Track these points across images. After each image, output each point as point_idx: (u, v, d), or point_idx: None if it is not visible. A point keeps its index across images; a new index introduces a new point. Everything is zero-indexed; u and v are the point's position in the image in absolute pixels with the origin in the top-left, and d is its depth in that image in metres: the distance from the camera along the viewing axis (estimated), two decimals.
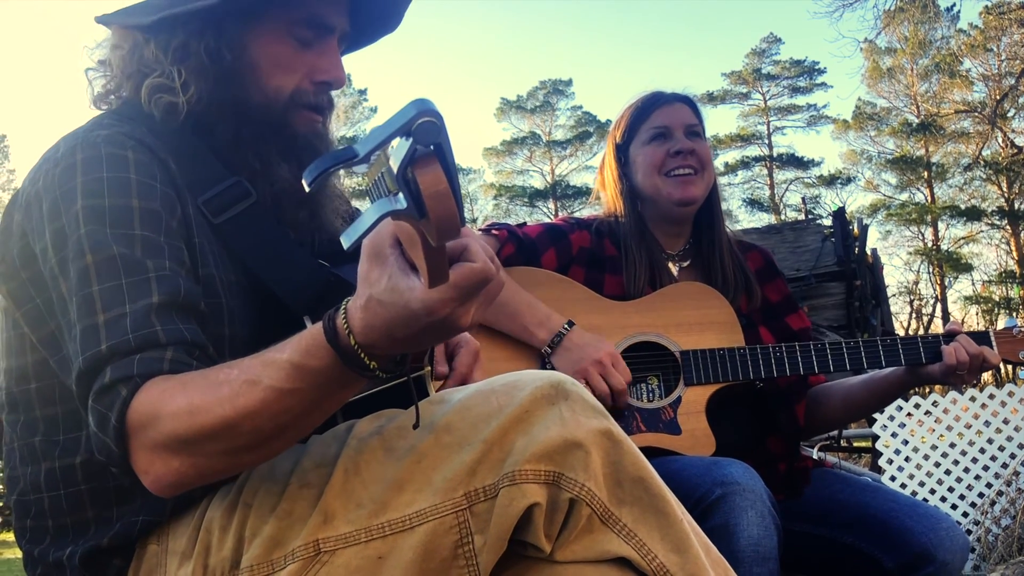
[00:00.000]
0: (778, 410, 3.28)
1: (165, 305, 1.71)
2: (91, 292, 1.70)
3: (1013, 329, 3.18)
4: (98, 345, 1.65)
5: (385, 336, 1.45)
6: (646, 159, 3.33)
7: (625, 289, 3.26)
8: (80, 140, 1.87)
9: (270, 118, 2.07)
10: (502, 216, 61.16)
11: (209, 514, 1.81)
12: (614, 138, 3.48)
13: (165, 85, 2.01)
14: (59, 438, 1.91)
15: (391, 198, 1.24)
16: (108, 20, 2.12)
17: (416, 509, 1.62)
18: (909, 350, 3.14)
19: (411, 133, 1.18)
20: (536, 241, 3.33)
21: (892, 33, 45.90)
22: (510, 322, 3.12)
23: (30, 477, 1.94)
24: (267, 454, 1.64)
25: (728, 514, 2.58)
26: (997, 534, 7.54)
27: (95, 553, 1.87)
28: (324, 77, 2.11)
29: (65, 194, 1.80)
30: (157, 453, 1.58)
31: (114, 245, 1.74)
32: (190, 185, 1.95)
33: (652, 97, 3.45)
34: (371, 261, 1.45)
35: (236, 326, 1.93)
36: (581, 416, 1.64)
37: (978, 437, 8.02)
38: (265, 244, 1.98)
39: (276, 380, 1.52)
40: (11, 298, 1.92)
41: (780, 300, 3.46)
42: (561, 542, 1.63)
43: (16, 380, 1.96)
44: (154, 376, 1.62)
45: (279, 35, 2.06)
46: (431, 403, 1.73)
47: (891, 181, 57.19)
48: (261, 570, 1.68)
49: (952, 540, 2.80)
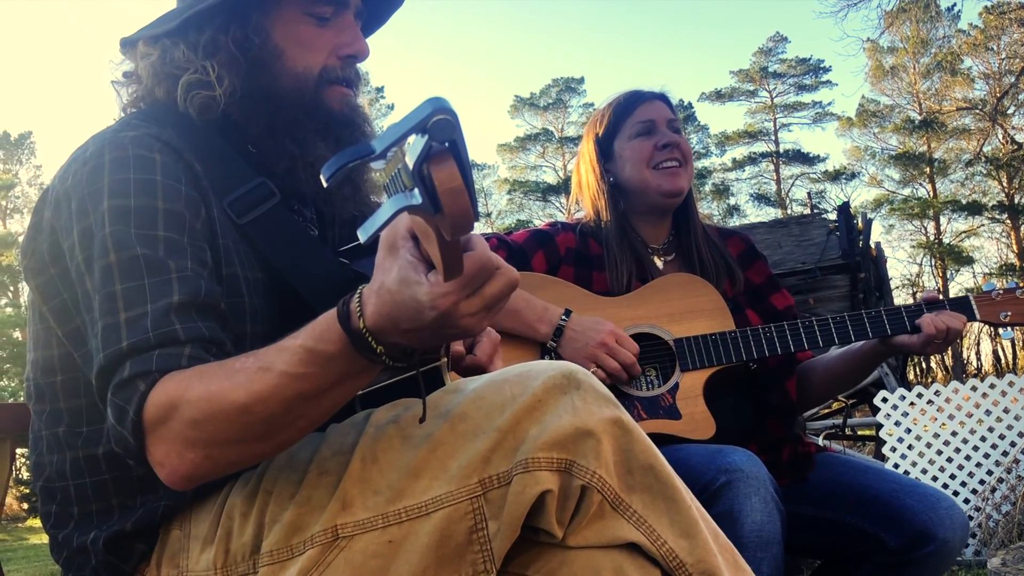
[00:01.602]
0: (771, 388, 3.29)
1: (185, 304, 1.71)
2: (114, 291, 1.71)
3: (992, 292, 3.21)
4: (119, 342, 1.65)
5: (392, 325, 1.45)
6: (634, 153, 3.33)
7: (610, 288, 3.27)
8: (109, 141, 1.88)
9: (302, 99, 2.08)
10: (515, 210, 61.31)
11: (231, 500, 1.81)
12: (594, 134, 3.46)
13: (200, 80, 2.01)
14: (83, 429, 1.91)
15: (407, 193, 1.24)
16: (133, 39, 2.12)
17: (432, 496, 1.62)
18: (893, 320, 3.16)
19: (427, 130, 1.18)
20: (524, 246, 3.34)
21: (894, 32, 45.84)
22: (511, 320, 3.13)
23: (56, 465, 1.94)
24: (278, 445, 1.64)
25: (732, 500, 2.59)
26: (998, 520, 7.55)
27: (119, 538, 1.87)
28: (349, 51, 2.12)
29: (93, 193, 1.80)
30: (173, 445, 1.58)
31: (138, 246, 1.74)
32: (215, 186, 1.95)
33: (634, 94, 3.46)
34: (385, 252, 1.45)
35: (258, 323, 1.94)
36: (592, 405, 1.64)
37: (979, 426, 8.02)
38: (288, 243, 1.99)
39: (288, 365, 1.52)
40: (40, 292, 1.93)
41: (763, 281, 3.47)
42: (573, 528, 1.63)
43: (43, 372, 1.96)
44: (172, 371, 1.62)
45: (299, 16, 2.08)
46: (446, 392, 1.73)
47: (894, 177, 57.08)
48: (281, 555, 1.69)
49: (952, 519, 2.82)
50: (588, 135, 3.51)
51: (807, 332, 3.16)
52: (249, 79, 2.04)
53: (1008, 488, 7.71)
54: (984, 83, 50.26)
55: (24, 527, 25.20)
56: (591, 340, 3.05)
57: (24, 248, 1.97)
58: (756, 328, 3.18)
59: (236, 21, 2.04)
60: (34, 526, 24.70)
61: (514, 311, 3.12)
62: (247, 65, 2.04)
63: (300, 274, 1.95)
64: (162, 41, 2.06)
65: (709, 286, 3.27)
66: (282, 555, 1.69)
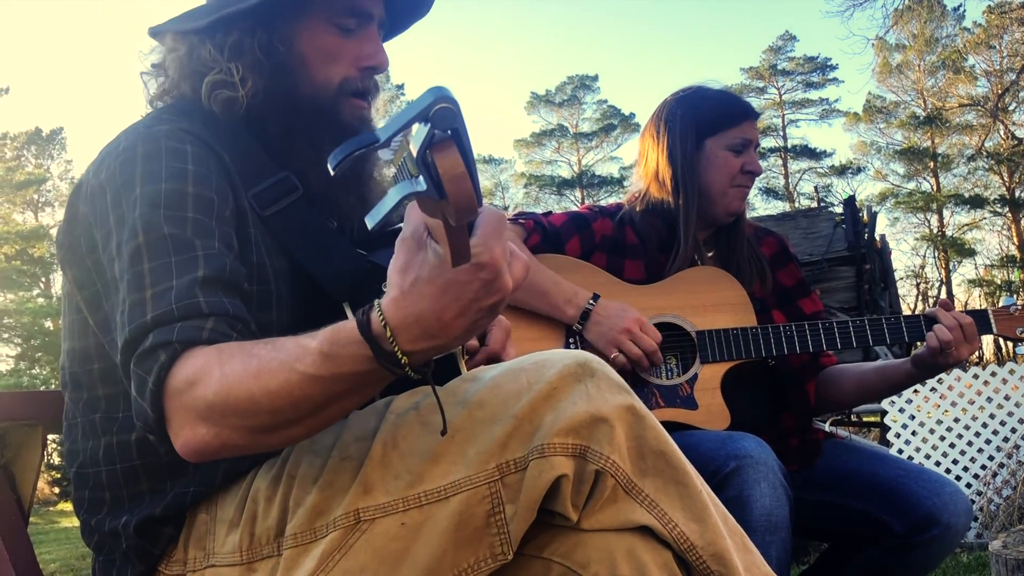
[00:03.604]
0: (790, 388, 3.28)
1: (210, 280, 1.70)
2: (142, 269, 1.70)
3: (1010, 307, 3.20)
4: (143, 316, 1.64)
5: (435, 319, 1.41)
6: (724, 164, 3.27)
7: (648, 273, 3.26)
8: (141, 134, 1.88)
9: (320, 108, 2.08)
10: (531, 203, 61.32)
11: (255, 485, 1.81)
12: (695, 119, 3.31)
13: (224, 81, 2.02)
14: (118, 415, 1.92)
15: (412, 180, 1.24)
16: (162, 30, 2.13)
17: (451, 480, 1.61)
18: (911, 325, 3.17)
19: (429, 119, 1.18)
20: (561, 230, 3.32)
21: (901, 30, 45.73)
22: (538, 301, 3.12)
23: (89, 451, 1.94)
24: (286, 438, 1.62)
25: (742, 486, 2.59)
26: (999, 504, 7.56)
27: (149, 522, 1.87)
28: (369, 63, 2.12)
29: (125, 183, 1.80)
30: (187, 417, 1.57)
31: (165, 226, 1.74)
32: (243, 179, 1.95)
33: (747, 107, 3.36)
34: (413, 248, 1.41)
35: (284, 311, 1.94)
36: (606, 392, 1.64)
37: (981, 412, 8.06)
38: (309, 235, 1.99)
39: (304, 366, 1.50)
40: (75, 283, 1.93)
41: (793, 284, 3.45)
42: (587, 511, 1.62)
43: (79, 361, 1.96)
44: (193, 343, 1.61)
45: (324, 26, 2.07)
46: (464, 381, 1.73)
47: (899, 171, 57.01)
48: (304, 537, 1.69)
49: (956, 504, 2.82)
50: (686, 116, 3.32)
51: (826, 333, 3.16)
52: (271, 83, 2.05)
53: (1009, 473, 7.74)
54: (986, 80, 50.16)
55: (55, 511, 25.28)
56: (616, 326, 3.04)
57: (59, 240, 1.98)
58: (777, 326, 3.16)
59: (263, 26, 2.04)
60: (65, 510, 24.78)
61: (543, 292, 3.12)
62: (270, 69, 2.04)
63: (319, 264, 1.96)
64: (190, 38, 2.07)
65: (734, 281, 3.25)
66: (305, 538, 1.69)
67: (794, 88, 61.44)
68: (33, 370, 40.75)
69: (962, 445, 8.00)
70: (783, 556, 2.60)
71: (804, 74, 60.92)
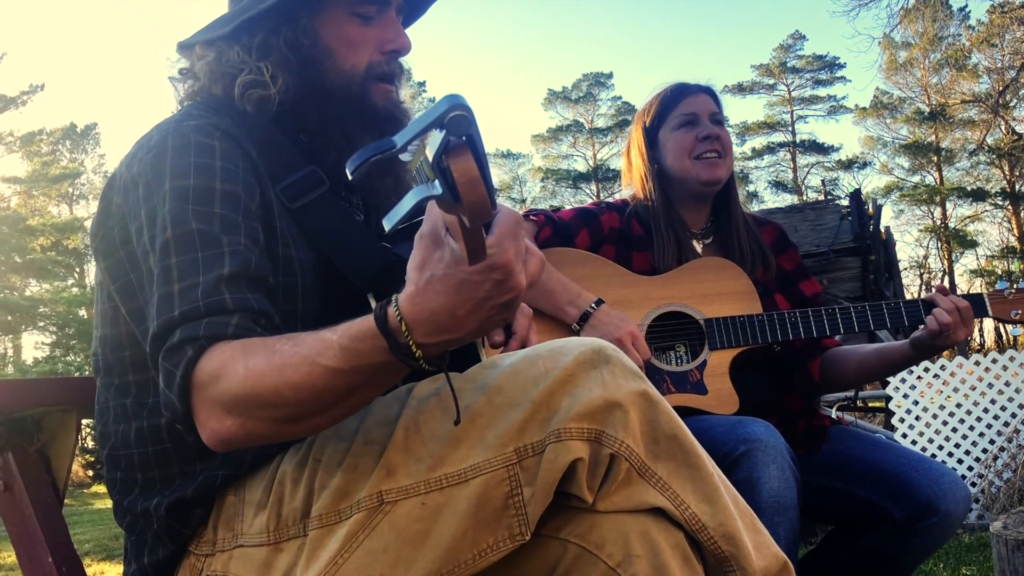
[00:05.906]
0: (794, 369, 3.29)
1: (235, 276, 1.70)
2: (170, 264, 1.70)
3: (1004, 291, 3.22)
4: (171, 311, 1.65)
5: (448, 315, 1.43)
6: (676, 143, 3.31)
7: (654, 265, 3.26)
8: (172, 130, 1.88)
9: (349, 96, 2.08)
10: (548, 196, 61.44)
11: (282, 468, 1.81)
12: (642, 123, 3.44)
13: (256, 80, 2.02)
14: (148, 401, 1.92)
15: (429, 184, 1.25)
16: (190, 43, 2.13)
17: (471, 463, 1.61)
18: (910, 310, 3.19)
19: (444, 125, 1.19)
20: (570, 224, 3.33)
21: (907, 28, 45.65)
22: (545, 300, 3.11)
23: (121, 434, 1.95)
24: (310, 428, 1.63)
25: (751, 468, 2.59)
26: (999, 486, 7.57)
27: (179, 503, 1.87)
28: (392, 46, 2.13)
29: (156, 177, 1.81)
30: (213, 410, 1.58)
31: (193, 221, 1.74)
32: (270, 173, 1.95)
33: (680, 87, 3.43)
34: (430, 247, 1.43)
35: (309, 302, 1.94)
36: (621, 379, 1.63)
37: (982, 398, 8.07)
38: (335, 228, 1.99)
39: (325, 359, 1.51)
40: (108, 273, 1.93)
41: (793, 268, 3.46)
42: (602, 494, 1.62)
43: (111, 348, 1.97)
44: (219, 338, 1.62)
45: (344, 17, 2.08)
46: (483, 367, 1.72)
47: (904, 165, 57.02)
48: (330, 519, 1.69)
49: (954, 492, 2.83)
50: (637, 124, 3.49)
51: (829, 318, 3.17)
52: (300, 77, 2.05)
53: (1009, 456, 7.75)
54: (988, 77, 50.05)
55: (89, 493, 25.37)
56: (609, 333, 3.01)
57: (93, 232, 1.98)
58: (782, 312, 3.17)
59: (286, 24, 2.04)
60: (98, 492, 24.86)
61: (548, 291, 3.11)
62: (298, 64, 2.04)
63: (345, 256, 1.96)
64: (217, 44, 2.07)
65: (740, 270, 3.25)
66: (331, 519, 1.69)
67: (803, 85, 61.55)
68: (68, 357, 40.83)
69: (964, 429, 8.01)
70: (791, 536, 2.60)
71: (813, 72, 60.94)
